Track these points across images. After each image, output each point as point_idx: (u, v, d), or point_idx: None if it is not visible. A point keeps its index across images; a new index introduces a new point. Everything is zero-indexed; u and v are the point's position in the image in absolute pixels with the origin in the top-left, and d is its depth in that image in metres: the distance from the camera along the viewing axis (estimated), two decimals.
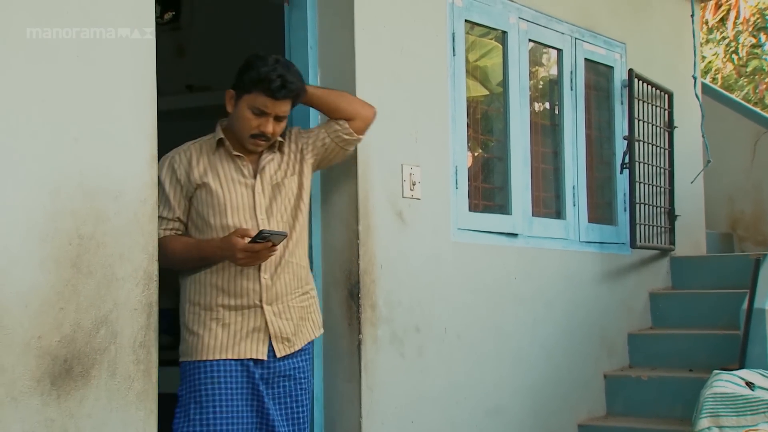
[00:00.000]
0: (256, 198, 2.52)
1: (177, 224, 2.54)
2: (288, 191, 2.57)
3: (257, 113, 2.48)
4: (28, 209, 2.10)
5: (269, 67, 2.46)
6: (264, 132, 2.48)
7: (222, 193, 2.50)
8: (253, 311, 2.50)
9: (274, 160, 2.59)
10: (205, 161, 2.54)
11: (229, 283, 2.49)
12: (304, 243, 2.62)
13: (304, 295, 2.61)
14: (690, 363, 4.34)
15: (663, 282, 4.89)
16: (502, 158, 3.88)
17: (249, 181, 2.53)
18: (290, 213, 2.57)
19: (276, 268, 2.51)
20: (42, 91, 2.15)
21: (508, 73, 3.86)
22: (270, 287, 2.51)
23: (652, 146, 4.65)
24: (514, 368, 3.79)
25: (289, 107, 2.51)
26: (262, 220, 2.51)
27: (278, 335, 2.53)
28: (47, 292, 2.12)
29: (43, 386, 2.09)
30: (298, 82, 2.50)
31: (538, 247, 3.98)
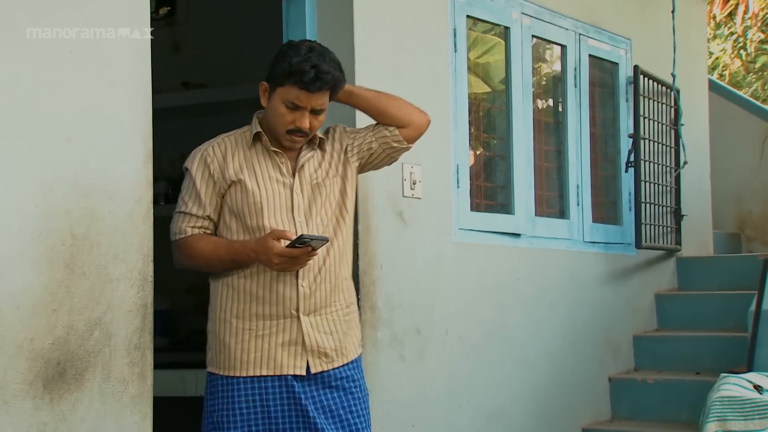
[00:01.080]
0: (295, 198, 2.32)
1: (207, 222, 2.34)
2: (329, 193, 2.36)
3: (291, 107, 2.27)
4: (21, 209, 2.07)
5: (302, 57, 2.24)
6: (300, 127, 2.28)
7: (258, 191, 2.30)
8: (289, 321, 2.29)
9: (314, 158, 2.38)
10: (240, 156, 2.33)
11: (264, 290, 2.29)
12: (348, 254, 2.39)
13: (347, 309, 2.38)
14: (696, 366, 4.29)
15: (669, 283, 4.84)
16: (504, 157, 3.84)
17: (287, 179, 2.32)
18: (331, 218, 2.35)
19: (315, 276, 2.30)
20: (35, 89, 2.12)
21: (511, 69, 3.82)
22: (308, 296, 2.29)
23: (657, 144, 4.60)
24: (517, 371, 3.75)
25: (326, 100, 2.29)
26: (300, 222, 2.30)
27: (315, 349, 2.31)
28: (40, 293, 2.08)
29: (35, 389, 2.06)
30: (335, 71, 2.27)
31: (542, 248, 3.94)
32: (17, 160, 2.07)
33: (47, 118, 2.14)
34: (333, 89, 2.29)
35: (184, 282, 4.51)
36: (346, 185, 2.40)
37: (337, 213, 2.37)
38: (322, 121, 2.32)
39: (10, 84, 2.07)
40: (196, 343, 4.37)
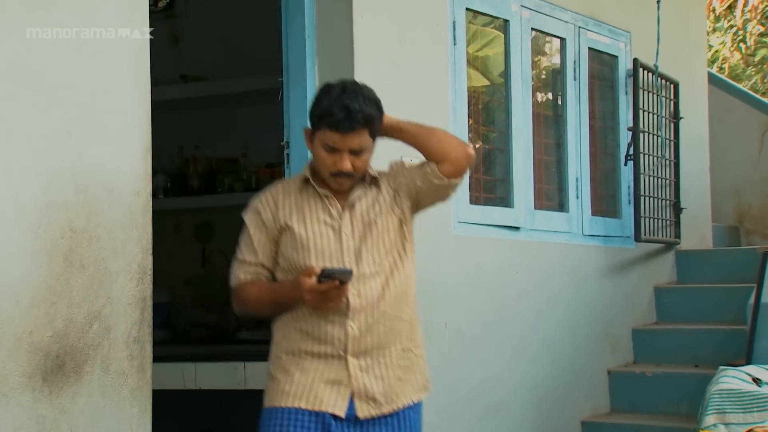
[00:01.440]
0: (343, 240, 2.26)
1: (261, 269, 2.31)
2: (383, 231, 2.28)
3: (329, 150, 2.23)
4: (20, 201, 2.07)
5: (332, 100, 2.21)
6: (341, 170, 2.23)
7: (306, 235, 2.26)
8: (337, 361, 2.24)
9: (367, 196, 2.31)
10: (291, 202, 2.30)
11: (314, 328, 2.25)
12: (409, 296, 2.31)
13: (404, 353, 2.29)
14: (695, 359, 4.29)
15: (668, 276, 4.84)
16: (503, 150, 3.84)
17: (336, 222, 2.28)
18: (386, 257, 2.27)
19: (367, 317, 2.23)
20: (34, 82, 2.11)
21: (510, 62, 3.81)
22: (357, 338, 2.23)
23: (657, 137, 4.60)
24: (516, 364, 3.75)
25: (364, 138, 2.22)
26: (349, 262, 2.25)
27: (362, 392, 2.24)
28: (39, 286, 2.08)
29: (34, 382, 2.06)
30: (368, 109, 2.21)
31: (541, 241, 3.94)
32: (16, 153, 2.07)
33: (46, 111, 2.13)
34: (369, 127, 2.23)
35: (183, 275, 4.52)
36: (403, 224, 2.32)
37: (394, 253, 2.29)
38: (366, 160, 2.26)
39: (9, 77, 2.06)
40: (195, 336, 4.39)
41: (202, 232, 4.58)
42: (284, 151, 3.01)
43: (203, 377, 3.27)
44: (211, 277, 4.53)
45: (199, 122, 4.49)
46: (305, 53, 3.00)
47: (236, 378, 3.22)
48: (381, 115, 2.27)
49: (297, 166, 2.99)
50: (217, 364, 3.31)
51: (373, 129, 2.24)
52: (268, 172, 4.28)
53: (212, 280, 4.52)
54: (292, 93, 3.00)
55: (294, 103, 2.98)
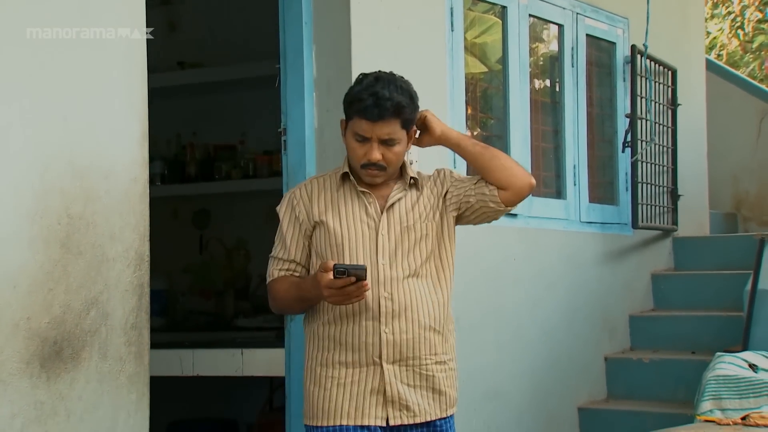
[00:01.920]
0: (380, 240, 2.21)
1: (293, 266, 2.27)
2: (421, 238, 2.23)
3: (360, 140, 2.19)
4: (17, 188, 2.06)
5: (362, 86, 2.19)
6: (371, 160, 2.19)
7: (341, 232, 2.22)
8: (372, 369, 2.20)
9: (407, 198, 2.26)
10: (326, 197, 2.26)
11: (347, 336, 2.21)
12: (445, 307, 2.26)
13: (436, 365, 2.25)
14: (692, 345, 4.30)
15: (665, 263, 4.85)
16: (501, 137, 3.83)
17: (373, 221, 2.23)
18: (423, 264, 2.22)
19: (400, 323, 2.20)
20: (30, 69, 2.10)
21: (508, 49, 3.80)
22: (392, 343, 2.19)
23: (654, 124, 4.59)
24: (514, 351, 3.76)
25: (395, 129, 2.17)
26: (383, 265, 2.20)
27: (396, 400, 2.21)
28: (36, 272, 2.08)
29: (32, 368, 2.06)
30: (399, 97, 2.17)
31: (538, 228, 3.94)
32: (13, 140, 2.06)
33: (43, 97, 2.12)
34: (399, 117, 2.17)
35: (181, 262, 4.52)
36: (444, 233, 2.27)
37: (432, 260, 2.25)
38: (398, 153, 2.21)
39: (6, 65, 2.05)
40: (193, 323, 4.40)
41: (199, 219, 4.58)
42: (281, 138, 3.01)
43: (201, 364, 3.27)
44: (208, 264, 4.53)
45: (197, 109, 4.48)
46: (302, 40, 2.99)
47: (234, 365, 3.23)
48: (415, 107, 2.22)
49: (294, 153, 2.98)
50: (214, 351, 3.32)
51: (406, 120, 2.19)
52: (265, 159, 4.27)
53: (210, 267, 4.53)
54: (289, 80, 2.99)
55: (291, 90, 2.97)
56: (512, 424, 3.72)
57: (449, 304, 2.29)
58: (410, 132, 2.24)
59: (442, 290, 2.26)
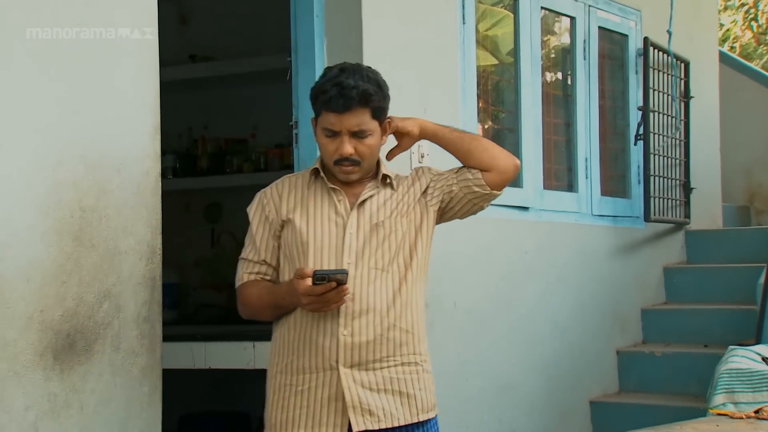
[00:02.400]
0: (346, 239, 2.10)
1: (264, 268, 2.18)
2: (390, 234, 2.12)
3: (329, 135, 2.09)
4: (30, 181, 2.07)
5: (326, 78, 2.08)
6: (342, 155, 2.08)
7: (306, 230, 2.11)
8: (329, 375, 2.08)
9: (379, 195, 2.16)
10: (297, 195, 2.16)
11: (305, 340, 2.10)
12: (414, 306, 2.13)
13: (403, 367, 2.10)
14: (705, 338, 4.29)
15: (678, 256, 4.82)
16: (513, 130, 3.82)
17: (341, 219, 2.12)
18: (391, 262, 2.11)
19: (361, 324, 2.07)
20: (43, 61, 2.10)
21: (520, 42, 3.79)
22: (350, 346, 2.07)
23: (667, 117, 4.57)
24: (525, 344, 3.75)
25: (364, 119, 2.07)
26: (348, 264, 2.09)
27: (357, 405, 2.07)
28: (49, 265, 2.09)
29: (45, 361, 2.07)
30: (365, 85, 2.05)
31: (550, 221, 3.93)
32: (25, 133, 2.06)
33: (55, 91, 2.13)
34: (368, 106, 2.07)
35: (193, 255, 4.53)
36: (418, 230, 2.15)
37: (401, 259, 2.12)
38: (371, 145, 2.10)
39: (18, 57, 2.05)
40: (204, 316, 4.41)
41: (211, 213, 4.59)
42: (293, 131, 3.00)
43: (213, 357, 3.28)
44: (220, 258, 4.54)
45: (208, 102, 4.48)
46: (314, 33, 2.98)
47: (246, 357, 3.24)
48: (384, 95, 2.11)
49: (306, 146, 2.98)
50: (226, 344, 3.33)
51: (376, 109, 2.09)
52: (276, 152, 4.27)
53: (221, 261, 4.53)
54: (300, 73, 2.99)
55: (303, 83, 2.97)
56: (524, 418, 3.72)
57: (420, 303, 2.16)
58: (383, 123, 2.13)
59: (411, 288, 2.13)
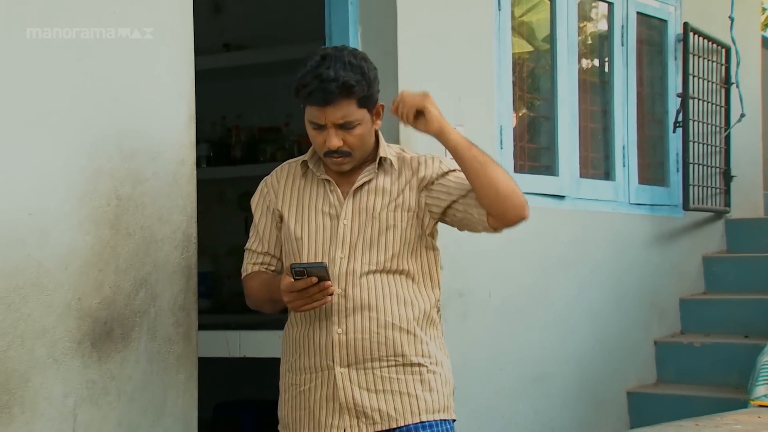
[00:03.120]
0: (339, 231, 2.00)
1: (267, 258, 2.11)
2: (387, 228, 2.00)
3: (315, 127, 1.98)
4: (67, 170, 2.08)
5: (306, 69, 1.96)
6: (330, 148, 1.97)
7: (297, 224, 2.03)
8: (326, 374, 2.01)
9: (377, 180, 2.03)
10: (293, 185, 2.08)
11: (304, 338, 2.04)
12: (415, 304, 2.02)
13: (404, 367, 2.00)
14: (746, 329, 4.21)
15: (717, 245, 4.74)
16: (549, 117, 3.77)
17: (334, 209, 2.02)
18: (389, 257, 1.99)
19: (355, 321, 1.98)
20: (79, 50, 2.11)
21: (556, 28, 3.73)
22: (344, 344, 1.99)
23: (707, 104, 4.48)
24: (561, 334, 3.72)
25: (350, 110, 1.94)
26: (341, 258, 1.99)
27: (351, 407, 1.99)
28: (87, 253, 2.10)
29: (84, 348, 2.09)
30: (347, 76, 1.92)
31: (586, 210, 3.88)
32: (63, 122, 2.08)
33: (92, 78, 2.14)
34: (352, 97, 1.93)
35: (226, 244, 4.55)
36: (419, 225, 2.03)
37: (401, 252, 2.00)
38: (360, 135, 1.97)
39: (56, 46, 2.07)
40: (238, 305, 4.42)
41: (244, 202, 4.59)
42: None
43: (248, 345, 3.29)
44: None
45: (242, 91, 4.49)
46: (348, 21, 2.97)
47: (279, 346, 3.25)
48: (368, 82, 1.95)
49: None
50: (260, 333, 3.34)
51: (362, 99, 1.95)
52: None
53: None
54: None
55: None
56: (559, 408, 3.69)
57: (423, 301, 2.04)
58: (373, 109, 2.00)
59: (418, 288, 2.03)
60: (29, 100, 2.03)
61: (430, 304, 2.06)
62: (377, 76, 2.01)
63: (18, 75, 2.01)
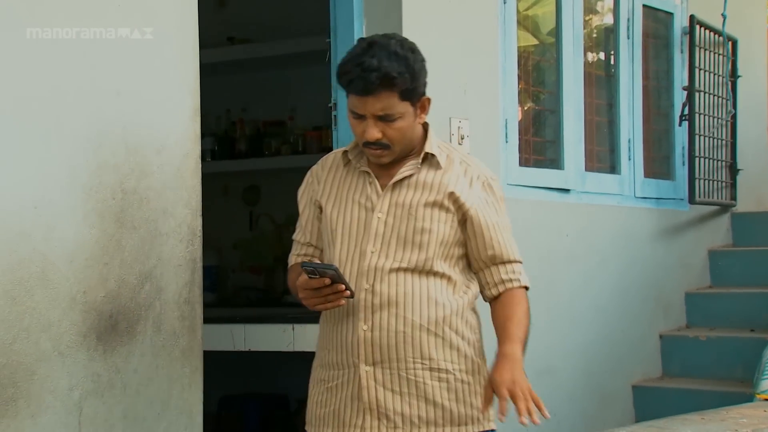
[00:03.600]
0: (373, 225, 1.94)
1: (310, 250, 2.06)
2: (422, 231, 1.92)
3: (355, 116, 1.91)
4: (72, 163, 2.08)
5: (350, 56, 1.89)
6: (368, 140, 1.90)
7: (334, 214, 1.97)
8: (352, 372, 1.95)
9: (419, 175, 1.95)
10: (334, 175, 2.01)
11: (332, 334, 1.98)
12: (447, 308, 1.94)
13: (431, 372, 1.93)
14: (751, 323, 4.20)
15: (723, 239, 4.73)
16: (554, 111, 3.76)
17: (371, 202, 1.95)
18: (422, 258, 1.92)
19: (381, 319, 1.91)
20: (84, 44, 2.11)
21: (561, 21, 3.72)
22: (369, 342, 1.92)
23: (713, 97, 4.46)
24: (566, 328, 3.71)
25: (391, 102, 1.86)
26: (372, 253, 1.92)
27: (374, 408, 1.92)
28: (92, 246, 2.11)
29: (89, 341, 2.09)
30: (390, 66, 1.84)
31: (592, 203, 3.87)
32: (67, 115, 2.08)
33: (96, 72, 2.13)
34: (394, 89, 1.86)
35: (231, 238, 4.55)
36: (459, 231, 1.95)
37: (439, 257, 1.93)
38: (401, 128, 1.89)
39: (60, 40, 2.06)
40: (243, 298, 4.43)
41: (249, 196, 4.60)
42: (332, 113, 2.99)
43: (252, 339, 3.30)
44: (258, 240, 4.56)
45: (246, 85, 4.49)
46: (353, 14, 2.96)
47: (285, 340, 3.25)
48: (413, 74, 1.88)
49: (344, 128, 2.96)
50: (265, 326, 3.34)
51: (405, 91, 1.88)
52: (315, 134, 4.27)
53: (259, 243, 4.55)
54: (339, 54, 2.96)
55: None
56: (565, 401, 3.68)
57: (463, 303, 1.97)
58: (418, 102, 1.92)
59: (451, 288, 1.95)
60: (34, 94, 2.03)
61: (463, 303, 1.98)
62: (424, 68, 1.93)
63: (22, 71, 2.01)
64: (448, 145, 2.05)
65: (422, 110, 1.95)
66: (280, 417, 4.17)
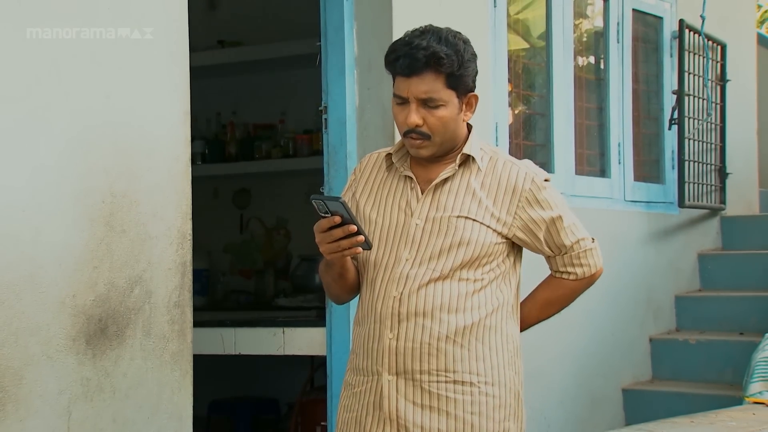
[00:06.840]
0: (410, 230, 1.89)
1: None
2: (460, 243, 1.87)
3: (399, 102, 1.86)
4: (61, 167, 2.08)
5: (402, 39, 1.86)
6: (408, 124, 1.84)
7: (373, 217, 1.92)
8: (375, 380, 1.90)
9: (459, 180, 1.90)
10: (375, 177, 1.96)
11: (359, 339, 1.95)
12: (477, 321, 1.89)
13: (455, 385, 1.87)
14: (741, 326, 4.22)
15: (713, 243, 4.75)
16: (544, 114, 3.77)
17: (410, 208, 1.90)
18: (456, 268, 1.87)
19: (407, 329, 1.87)
20: (73, 47, 2.10)
21: (551, 25, 3.73)
22: (394, 351, 1.88)
23: (702, 101, 4.48)
24: (556, 331, 3.71)
25: (435, 86, 1.81)
26: (406, 261, 1.87)
27: (394, 419, 1.88)
28: (81, 250, 2.10)
29: (78, 345, 2.08)
30: (437, 47, 1.81)
31: (582, 207, 3.87)
32: (57, 118, 2.07)
33: (85, 76, 2.13)
34: (439, 71, 1.81)
35: (221, 241, 4.54)
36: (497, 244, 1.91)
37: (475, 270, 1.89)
38: (443, 117, 1.84)
39: (49, 43, 2.06)
40: (233, 302, 4.42)
41: (239, 199, 4.59)
42: (322, 117, 2.99)
43: (243, 343, 3.29)
44: (248, 244, 4.55)
45: (236, 88, 4.48)
46: (343, 17, 2.96)
47: (275, 343, 3.24)
48: (462, 62, 1.83)
49: (335, 131, 2.96)
50: (256, 330, 3.34)
51: (450, 76, 1.82)
52: (305, 138, 4.27)
53: (250, 247, 4.55)
54: (330, 57, 2.97)
55: (332, 68, 2.95)
56: (556, 405, 3.69)
57: (495, 317, 1.94)
58: (464, 96, 1.86)
59: (480, 303, 1.90)
60: (23, 97, 2.02)
61: (494, 311, 1.94)
62: (474, 62, 1.88)
63: (14, 73, 2.00)
64: (493, 147, 2.00)
65: (468, 107, 1.90)
66: (269, 421, 4.16)
